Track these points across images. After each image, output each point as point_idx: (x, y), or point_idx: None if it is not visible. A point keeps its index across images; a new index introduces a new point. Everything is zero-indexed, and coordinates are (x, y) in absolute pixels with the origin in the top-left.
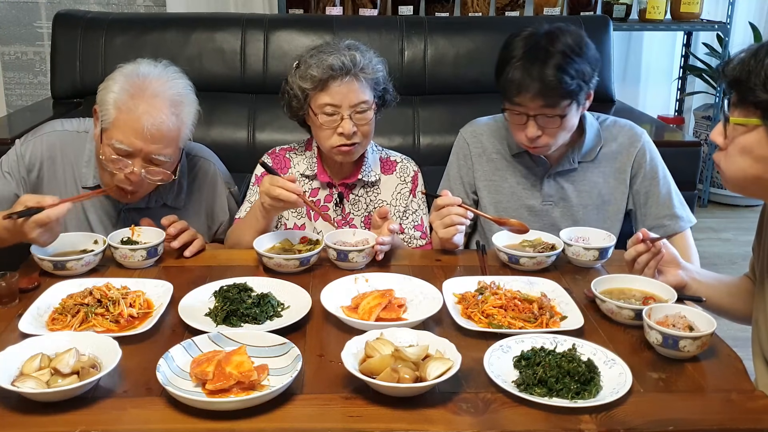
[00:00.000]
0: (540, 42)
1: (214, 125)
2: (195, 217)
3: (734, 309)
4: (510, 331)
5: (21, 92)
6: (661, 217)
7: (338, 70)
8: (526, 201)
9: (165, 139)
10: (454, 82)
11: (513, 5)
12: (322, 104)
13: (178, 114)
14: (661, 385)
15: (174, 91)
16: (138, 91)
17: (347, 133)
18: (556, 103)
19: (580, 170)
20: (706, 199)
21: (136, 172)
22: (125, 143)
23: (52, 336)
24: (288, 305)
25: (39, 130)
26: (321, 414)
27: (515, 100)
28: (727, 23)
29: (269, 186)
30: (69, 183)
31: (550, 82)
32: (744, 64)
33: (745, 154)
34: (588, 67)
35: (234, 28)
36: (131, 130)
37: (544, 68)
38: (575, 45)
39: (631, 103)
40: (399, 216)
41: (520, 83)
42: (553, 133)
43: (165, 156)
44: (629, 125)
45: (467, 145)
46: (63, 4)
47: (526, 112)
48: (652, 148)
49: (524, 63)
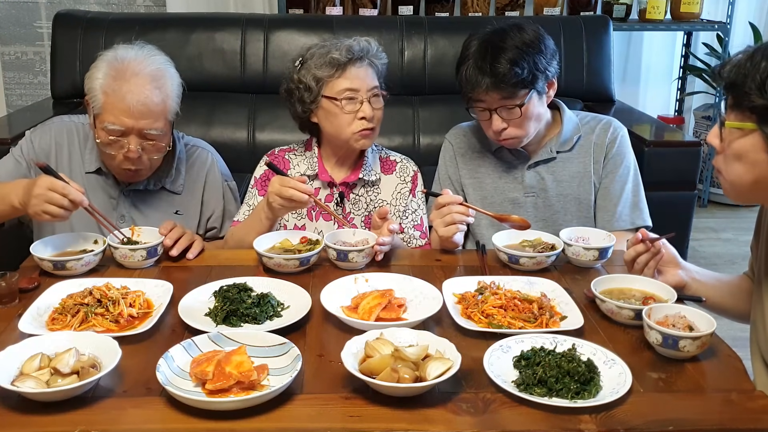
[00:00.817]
0: (491, 39)
1: (214, 125)
2: (193, 203)
3: (735, 308)
4: (510, 331)
5: (21, 92)
6: (603, 210)
7: (357, 53)
8: (509, 194)
9: (153, 114)
10: (454, 82)
11: (513, 5)
12: (342, 89)
13: (160, 87)
14: (661, 385)
15: (153, 67)
16: (119, 73)
17: (369, 116)
18: (512, 94)
19: (559, 160)
20: (706, 199)
21: (133, 149)
22: (117, 123)
23: (52, 336)
24: (288, 305)
25: (47, 122)
26: (321, 414)
27: (471, 96)
28: (727, 23)
29: (280, 187)
30: (75, 169)
31: (499, 74)
32: (740, 67)
33: (741, 158)
34: (542, 57)
35: (234, 28)
36: (119, 110)
37: (494, 62)
38: (528, 39)
39: (631, 103)
40: (399, 216)
41: (474, 79)
42: (518, 123)
43: (156, 129)
44: (608, 119)
45: (451, 146)
46: (63, 4)
47: (487, 107)
48: (623, 143)
49: (476, 60)
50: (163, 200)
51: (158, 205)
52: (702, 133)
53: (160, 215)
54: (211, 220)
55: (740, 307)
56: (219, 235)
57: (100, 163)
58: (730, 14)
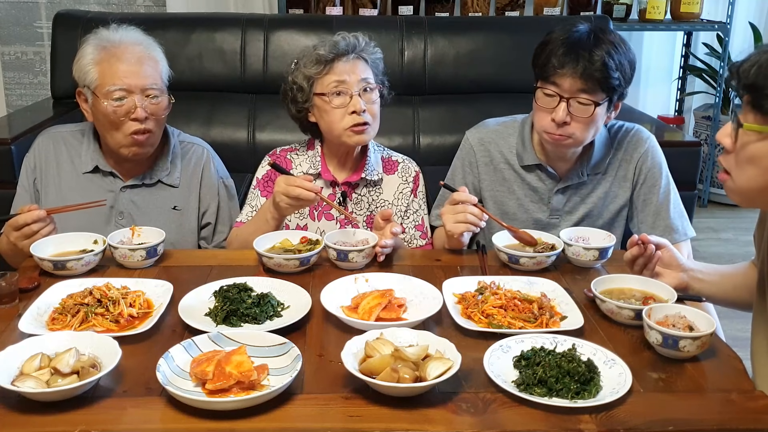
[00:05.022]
0: (589, 30)
1: (214, 125)
2: (190, 198)
3: (741, 300)
4: (510, 331)
5: (21, 92)
6: (655, 227)
7: (343, 48)
8: (533, 214)
9: (149, 70)
10: (454, 82)
11: (513, 5)
12: (330, 83)
13: (149, 48)
14: (661, 385)
15: (135, 35)
16: (107, 44)
17: (359, 109)
18: (595, 89)
19: (589, 183)
20: (706, 199)
21: (140, 106)
22: (119, 84)
23: (52, 336)
24: (288, 305)
25: (33, 142)
26: (321, 414)
27: (553, 78)
28: (727, 23)
29: (286, 186)
30: (66, 176)
31: (596, 64)
32: (761, 68)
33: (755, 162)
34: (629, 67)
35: (234, 28)
36: (118, 72)
37: (592, 50)
38: (621, 41)
39: (631, 103)
40: (400, 216)
41: (564, 61)
42: (581, 122)
43: (156, 87)
44: (635, 129)
45: (473, 153)
46: (63, 4)
47: (560, 93)
48: (656, 154)
49: (572, 44)
50: (161, 196)
51: (156, 201)
52: (702, 133)
53: (158, 211)
54: (206, 216)
55: (747, 299)
56: (214, 229)
57: (97, 160)
58: (730, 14)
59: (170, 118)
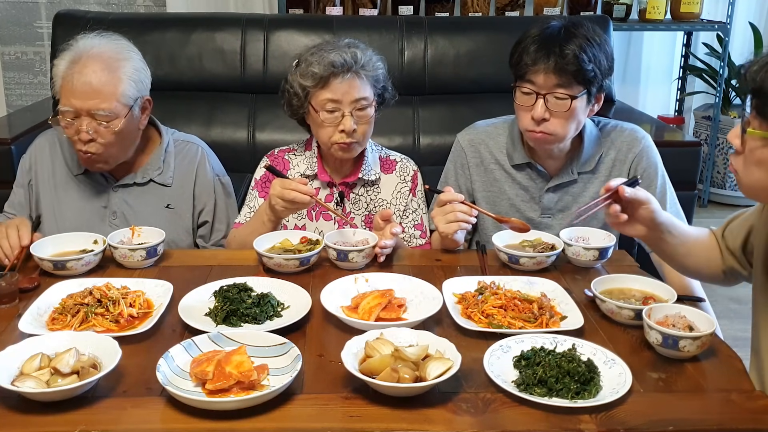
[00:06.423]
0: (561, 26)
1: (214, 125)
2: (184, 197)
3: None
4: (510, 331)
5: (21, 92)
6: None
7: (340, 67)
8: (524, 213)
9: (99, 94)
10: (454, 82)
11: (513, 5)
12: (324, 100)
13: (110, 68)
14: (661, 385)
15: (108, 50)
16: (76, 57)
17: (348, 129)
18: (570, 83)
19: (581, 182)
20: (706, 199)
21: (83, 130)
22: (66, 105)
23: (52, 336)
24: (288, 305)
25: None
26: (321, 414)
27: (528, 76)
28: (727, 23)
29: (282, 190)
30: (59, 177)
31: (566, 57)
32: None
33: (761, 165)
34: (605, 59)
35: (234, 28)
36: (68, 92)
37: (563, 45)
38: (596, 35)
39: (631, 103)
40: (399, 215)
41: (536, 57)
42: (560, 118)
43: (104, 111)
44: (630, 129)
45: (464, 155)
46: (63, 4)
47: (536, 90)
48: (651, 154)
49: (543, 40)
50: (154, 194)
51: (149, 200)
52: (702, 133)
53: (151, 210)
54: (202, 214)
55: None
56: (211, 227)
57: None
58: (730, 14)
59: (170, 118)
